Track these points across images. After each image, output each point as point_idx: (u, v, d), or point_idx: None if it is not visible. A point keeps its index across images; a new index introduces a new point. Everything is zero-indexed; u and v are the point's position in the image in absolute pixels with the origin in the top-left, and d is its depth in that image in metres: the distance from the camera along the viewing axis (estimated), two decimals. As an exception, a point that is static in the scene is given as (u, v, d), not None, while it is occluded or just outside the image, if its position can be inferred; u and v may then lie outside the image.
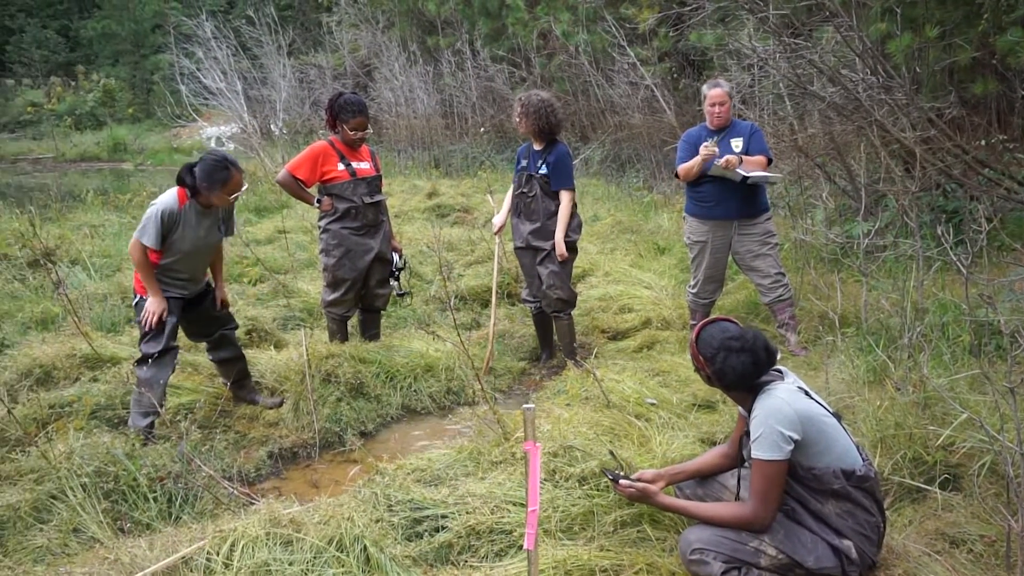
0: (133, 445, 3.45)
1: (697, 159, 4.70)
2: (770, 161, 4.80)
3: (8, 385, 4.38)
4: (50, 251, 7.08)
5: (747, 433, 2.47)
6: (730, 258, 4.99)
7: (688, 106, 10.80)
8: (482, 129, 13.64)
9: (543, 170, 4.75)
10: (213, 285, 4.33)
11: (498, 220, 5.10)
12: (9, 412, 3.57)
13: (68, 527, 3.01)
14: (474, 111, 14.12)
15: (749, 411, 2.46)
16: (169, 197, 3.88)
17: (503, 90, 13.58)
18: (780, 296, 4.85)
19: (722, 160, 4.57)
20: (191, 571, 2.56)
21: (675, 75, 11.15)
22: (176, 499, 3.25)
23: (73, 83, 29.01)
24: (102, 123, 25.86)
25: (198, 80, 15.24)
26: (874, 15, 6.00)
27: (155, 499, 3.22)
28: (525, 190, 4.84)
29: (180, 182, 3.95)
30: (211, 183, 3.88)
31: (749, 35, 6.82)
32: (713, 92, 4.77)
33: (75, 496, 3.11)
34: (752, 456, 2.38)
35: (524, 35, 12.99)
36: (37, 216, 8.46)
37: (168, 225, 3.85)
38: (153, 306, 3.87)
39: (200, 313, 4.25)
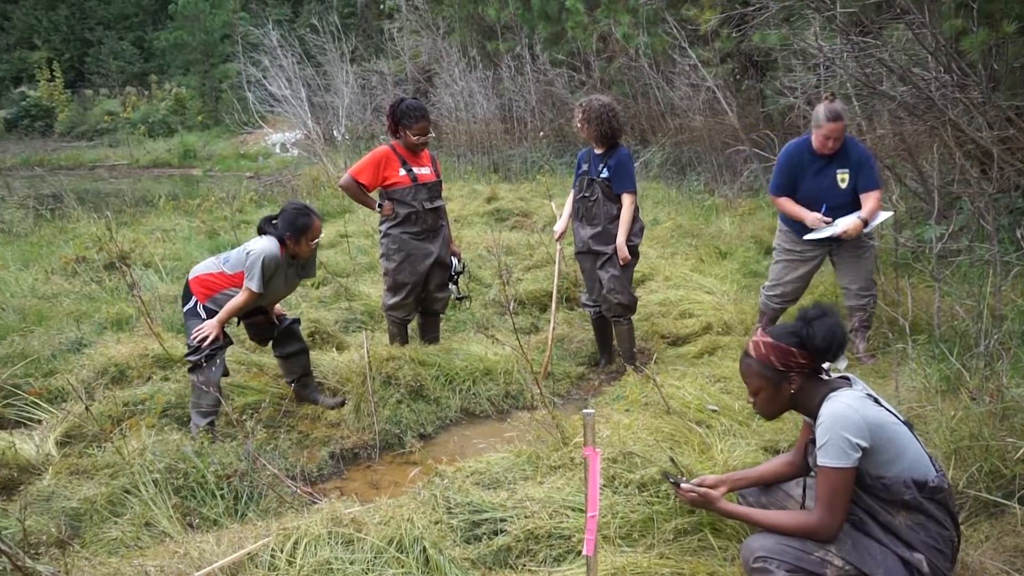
0: (202, 443, 3.55)
1: (806, 219, 4.55)
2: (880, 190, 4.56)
3: (86, 383, 4.57)
4: (125, 254, 7.35)
5: (812, 441, 2.41)
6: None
7: (751, 107, 10.61)
8: (541, 133, 13.63)
9: (604, 174, 4.73)
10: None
11: (559, 226, 5.08)
12: (87, 409, 3.71)
13: (140, 521, 3.12)
14: (533, 115, 14.13)
15: (814, 418, 2.39)
16: (272, 244, 4.08)
17: (562, 94, 13.55)
18: (864, 304, 4.68)
19: (844, 232, 4.41)
20: (256, 567, 2.62)
21: (737, 76, 10.97)
22: (242, 497, 3.34)
23: (147, 92, 30.08)
24: (173, 130, 26.73)
25: (264, 88, 15.63)
26: (947, 11, 5.79)
27: (222, 496, 3.31)
28: (587, 194, 4.82)
29: (260, 232, 4.16)
30: (295, 231, 4.10)
31: (815, 34, 6.65)
32: (831, 126, 4.38)
33: (147, 491, 3.22)
34: (818, 463, 2.31)
35: (584, 39, 12.93)
36: (113, 221, 8.79)
37: (270, 271, 4.03)
38: (211, 330, 4.02)
39: (257, 321, 4.44)
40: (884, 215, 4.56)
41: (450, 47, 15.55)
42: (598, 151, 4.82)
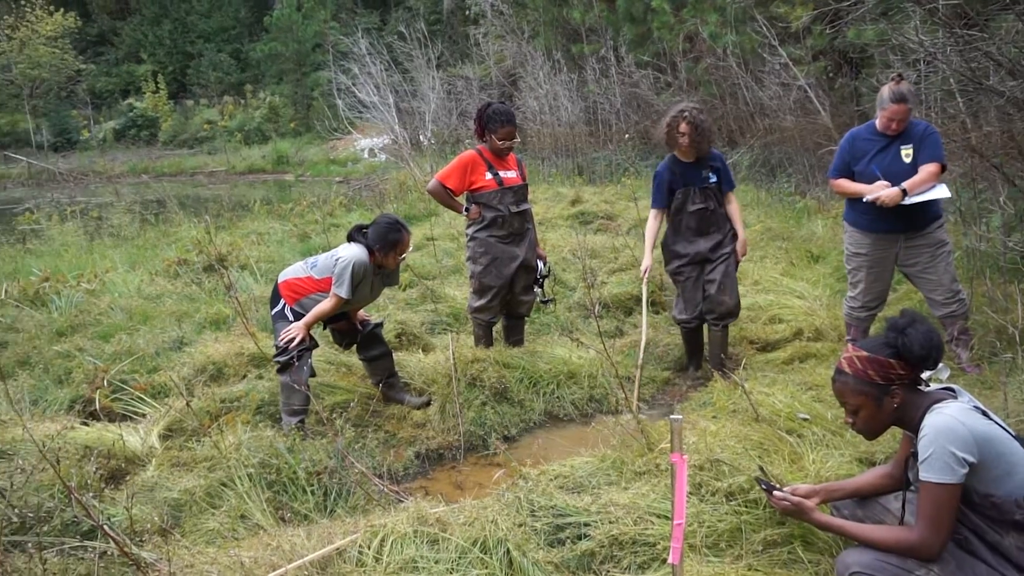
0: (294, 440, 3.66)
1: (861, 191, 4.35)
2: (944, 168, 4.31)
3: (186, 380, 4.78)
4: (223, 257, 7.67)
5: (914, 454, 2.30)
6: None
7: (845, 106, 10.24)
8: (626, 135, 13.52)
9: (712, 179, 4.70)
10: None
11: (647, 263, 4.93)
12: (188, 405, 3.88)
13: (236, 513, 3.24)
14: (618, 117, 14.03)
15: (916, 432, 2.28)
16: (362, 252, 4.18)
17: (648, 96, 13.42)
18: (954, 312, 4.45)
19: (879, 198, 4.21)
20: (344, 562, 2.68)
21: (831, 74, 10.61)
22: (331, 493, 3.42)
23: (243, 101, 31.33)
24: (267, 138, 27.77)
25: (353, 95, 16.05)
26: (1063, 0, 5.45)
27: (312, 492, 3.40)
28: (704, 205, 4.77)
29: (350, 240, 4.26)
30: (384, 244, 4.19)
31: (915, 28, 6.37)
32: (895, 108, 4.23)
33: (242, 485, 3.34)
34: (920, 478, 2.20)
35: (670, 39, 12.77)
36: (212, 225, 9.18)
37: (358, 278, 4.13)
38: (297, 331, 4.13)
39: (340, 327, 4.56)
40: (938, 192, 4.24)
41: (535, 51, 15.61)
42: (686, 160, 4.74)
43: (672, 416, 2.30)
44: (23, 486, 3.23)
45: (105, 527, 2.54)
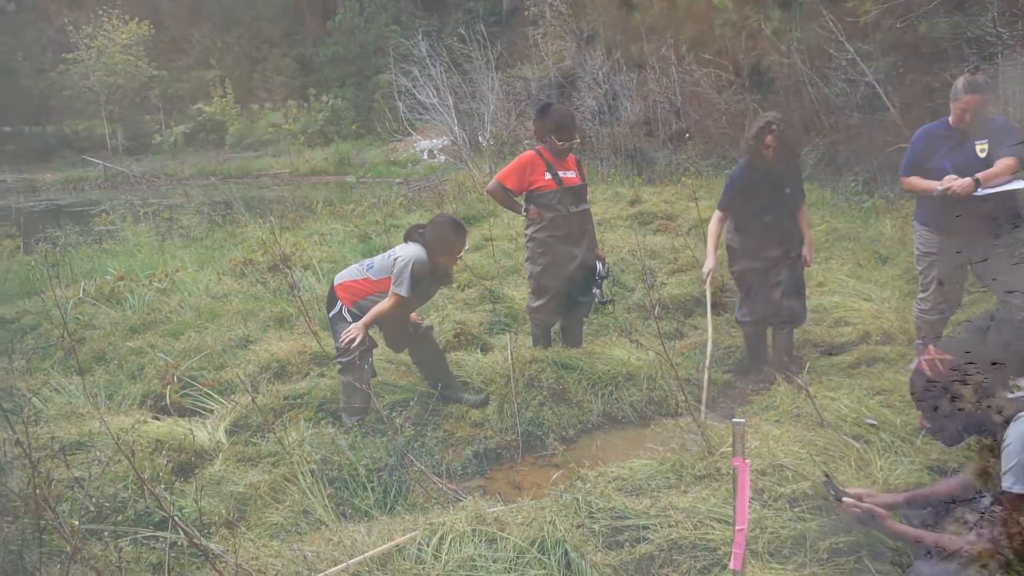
0: (355, 438, 3.72)
1: (932, 187, 4.14)
2: (1022, 164, 4.08)
3: (252, 377, 4.90)
4: (286, 257, 7.83)
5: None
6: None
7: (916, 103, 9.91)
8: (687, 135, 13.35)
9: (788, 189, 4.61)
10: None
11: (709, 266, 4.83)
12: (253, 401, 3.98)
13: (299, 508, 3.31)
14: (678, 117, 13.85)
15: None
16: (421, 251, 4.22)
17: (709, 94, 13.22)
18: None
19: (950, 188, 4.01)
20: (403, 559, 2.71)
21: (901, 70, 10.28)
22: (391, 490, 3.47)
23: (306, 105, 32.01)
24: (330, 140, 28.29)
25: (413, 97, 16.22)
26: None
27: (372, 489, 3.45)
28: (777, 215, 4.68)
29: (408, 239, 4.31)
30: (442, 244, 4.21)
31: (993, 20, 6.14)
32: (968, 98, 4.05)
33: (304, 481, 3.41)
34: (1003, 488, 2.12)
35: (732, 37, 12.56)
36: (276, 226, 9.39)
37: (418, 277, 4.18)
38: (357, 331, 4.16)
39: (392, 329, 4.59)
40: (1015, 184, 4.00)
41: (594, 51, 15.53)
42: (762, 167, 4.63)
43: (734, 420, 2.27)
44: (99, 477, 3.36)
45: (176, 518, 2.62)
